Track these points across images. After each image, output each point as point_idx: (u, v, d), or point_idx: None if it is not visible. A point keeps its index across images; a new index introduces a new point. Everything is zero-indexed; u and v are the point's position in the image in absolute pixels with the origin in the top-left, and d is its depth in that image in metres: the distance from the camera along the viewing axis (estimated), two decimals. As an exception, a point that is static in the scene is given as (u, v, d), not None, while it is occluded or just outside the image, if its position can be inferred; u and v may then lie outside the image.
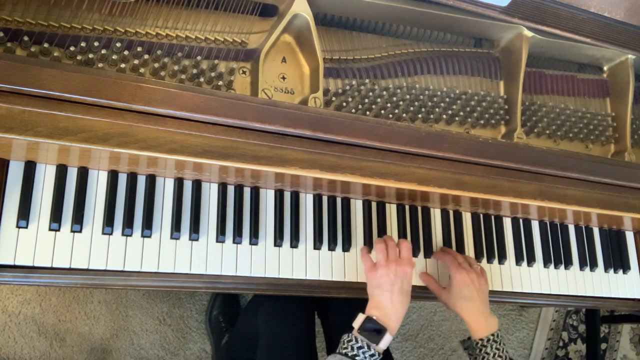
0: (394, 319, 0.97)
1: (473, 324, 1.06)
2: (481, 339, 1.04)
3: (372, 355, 0.93)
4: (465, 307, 1.07)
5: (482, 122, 1.24)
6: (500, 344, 1.03)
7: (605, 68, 1.40)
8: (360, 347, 0.93)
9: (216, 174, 1.03)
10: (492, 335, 1.04)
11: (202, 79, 1.01)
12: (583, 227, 1.39)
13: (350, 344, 0.94)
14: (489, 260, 1.26)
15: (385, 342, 0.95)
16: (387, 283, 0.99)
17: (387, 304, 0.98)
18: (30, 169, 0.94)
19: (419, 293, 1.19)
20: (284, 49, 1.10)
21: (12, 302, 1.62)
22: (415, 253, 1.19)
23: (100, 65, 0.95)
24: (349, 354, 0.93)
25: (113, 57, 0.96)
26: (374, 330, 0.95)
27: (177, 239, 1.01)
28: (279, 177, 1.04)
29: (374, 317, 0.96)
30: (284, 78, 1.09)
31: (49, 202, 0.94)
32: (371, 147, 1.01)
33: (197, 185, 1.04)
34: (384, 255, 1.03)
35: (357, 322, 0.96)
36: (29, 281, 0.92)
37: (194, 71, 1.01)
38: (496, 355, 1.02)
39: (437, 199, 1.20)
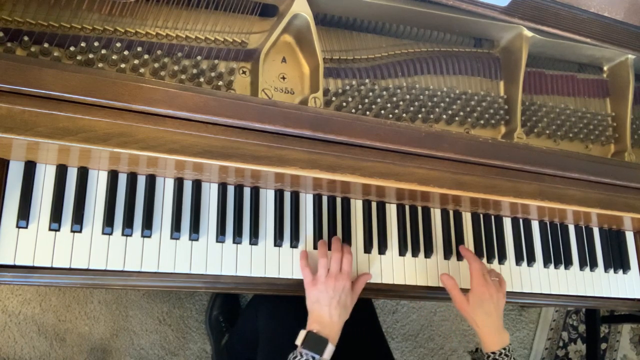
0: (335, 330, 1.01)
1: (487, 337, 1.07)
2: (493, 352, 1.05)
3: None
4: (481, 320, 1.07)
5: (482, 122, 1.24)
6: (511, 358, 1.04)
7: (605, 68, 1.40)
8: None
9: (216, 174, 1.03)
10: (504, 349, 1.05)
11: (202, 79, 1.01)
12: (583, 227, 1.39)
13: (296, 359, 0.96)
14: (489, 260, 1.26)
15: (328, 353, 0.98)
16: (325, 298, 1.02)
17: (326, 318, 1.00)
18: (30, 169, 0.94)
19: (420, 293, 1.19)
20: (284, 49, 1.10)
21: (12, 302, 1.62)
22: (415, 253, 1.19)
23: (100, 65, 0.95)
24: None
25: (113, 57, 0.95)
26: (317, 342, 0.98)
27: (177, 239, 1.01)
28: (279, 177, 1.04)
29: (315, 331, 0.99)
30: (284, 78, 1.09)
31: (49, 202, 0.94)
32: (371, 147, 1.01)
33: (197, 185, 1.04)
34: (325, 271, 1.05)
35: (300, 338, 0.99)
36: (29, 281, 0.92)
37: (194, 71, 1.01)
38: None
39: (437, 199, 1.20)
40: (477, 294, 1.09)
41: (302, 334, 0.99)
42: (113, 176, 0.99)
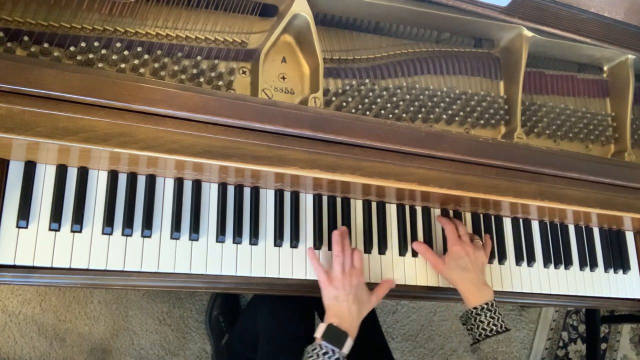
0: (354, 325, 1.01)
1: (467, 293, 1.08)
2: (475, 308, 1.06)
3: (337, 359, 0.96)
4: (459, 276, 1.09)
5: (482, 122, 1.24)
6: (495, 312, 1.05)
7: (605, 68, 1.40)
8: (325, 353, 0.96)
9: (216, 174, 1.03)
10: (486, 304, 1.05)
11: (202, 79, 1.01)
12: (583, 227, 1.39)
13: (315, 351, 0.97)
14: (489, 260, 1.25)
15: (347, 347, 0.98)
16: (344, 295, 1.02)
17: (345, 313, 1.01)
18: (30, 169, 0.94)
19: (420, 293, 1.19)
20: (284, 49, 1.10)
21: (12, 302, 1.62)
22: (415, 253, 1.19)
23: (100, 65, 0.95)
24: None
25: (113, 57, 0.95)
26: (337, 336, 0.98)
27: (177, 239, 1.01)
28: (279, 177, 1.04)
29: (335, 324, 0.99)
30: (284, 78, 1.09)
31: (49, 202, 0.94)
32: (371, 147, 1.01)
33: (197, 185, 1.04)
34: (341, 269, 1.05)
35: (320, 330, 0.99)
36: (29, 281, 0.92)
37: (194, 71, 1.01)
38: (490, 324, 1.03)
39: (437, 199, 1.20)
40: (452, 252, 1.12)
41: (322, 326, 0.99)
42: (113, 176, 0.99)
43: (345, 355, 0.98)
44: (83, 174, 0.97)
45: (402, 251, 1.18)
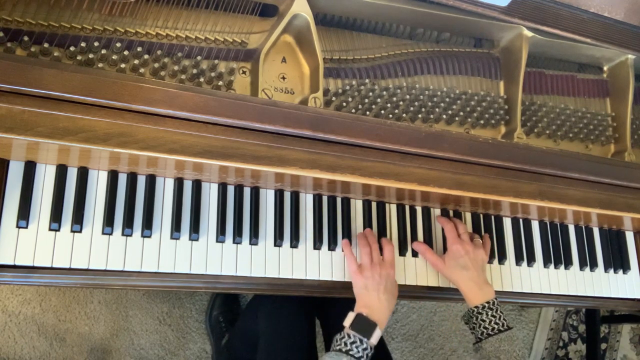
0: (383, 315, 1.01)
1: (468, 292, 1.08)
2: (476, 307, 1.06)
3: (365, 349, 0.96)
4: (459, 275, 1.10)
5: (482, 122, 1.24)
6: (496, 311, 1.05)
7: (605, 68, 1.40)
8: (353, 342, 0.96)
9: (216, 174, 1.03)
10: (488, 302, 1.06)
11: (202, 79, 1.01)
12: (583, 227, 1.39)
13: (343, 340, 0.96)
14: (489, 261, 1.25)
15: (376, 337, 0.98)
16: (374, 284, 1.03)
17: (375, 303, 1.01)
18: (30, 169, 0.94)
19: (420, 293, 1.19)
20: (284, 49, 1.10)
21: (12, 302, 1.62)
22: (415, 253, 1.19)
23: (100, 65, 0.95)
24: (343, 350, 0.95)
25: (113, 57, 0.95)
26: (366, 325, 0.98)
27: (177, 239, 1.01)
28: (279, 177, 1.04)
29: (364, 314, 0.99)
30: (284, 78, 1.09)
31: (49, 202, 0.94)
32: (371, 147, 1.01)
33: (197, 185, 1.04)
34: (369, 258, 1.07)
35: (349, 320, 1.00)
36: (29, 281, 0.92)
37: (194, 71, 1.01)
38: (492, 322, 1.03)
39: (437, 199, 1.20)
40: (452, 251, 1.12)
41: (351, 315, 1.00)
42: (113, 176, 0.99)
43: (374, 346, 0.98)
44: (83, 174, 0.97)
45: (402, 251, 1.18)
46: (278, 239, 1.08)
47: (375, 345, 0.99)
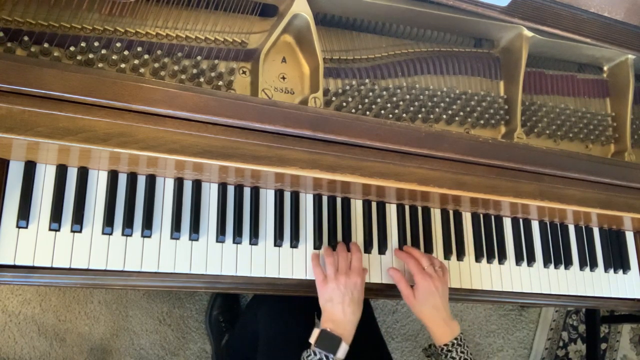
0: (348, 328, 1.00)
1: (437, 330, 1.06)
2: (446, 344, 1.05)
3: None
4: (429, 314, 1.07)
5: (482, 122, 1.24)
6: (464, 347, 1.05)
7: (605, 68, 1.40)
8: (320, 359, 0.96)
9: (216, 174, 1.03)
10: (456, 339, 1.05)
11: (202, 79, 1.01)
12: (583, 227, 1.39)
13: (309, 358, 0.96)
14: (489, 260, 1.26)
15: (342, 352, 0.97)
16: (338, 296, 1.01)
17: (339, 316, 1.00)
18: (30, 169, 0.94)
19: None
20: (284, 49, 1.10)
21: (12, 302, 1.62)
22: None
23: (100, 65, 0.95)
24: None
25: (113, 57, 0.95)
26: (330, 341, 0.97)
27: (177, 239, 1.01)
28: (279, 177, 1.04)
29: (329, 330, 0.99)
30: (284, 78, 1.09)
31: (49, 202, 0.94)
32: (371, 147, 1.01)
33: (197, 185, 1.04)
34: (334, 269, 1.05)
35: (314, 336, 0.99)
36: (29, 281, 0.92)
37: (194, 71, 1.01)
38: (462, 359, 1.03)
39: (437, 199, 1.20)
40: (422, 288, 1.08)
41: (315, 332, 0.99)
42: (113, 176, 0.99)
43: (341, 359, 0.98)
44: (83, 174, 0.97)
45: (402, 251, 1.18)
46: (278, 239, 1.08)
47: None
